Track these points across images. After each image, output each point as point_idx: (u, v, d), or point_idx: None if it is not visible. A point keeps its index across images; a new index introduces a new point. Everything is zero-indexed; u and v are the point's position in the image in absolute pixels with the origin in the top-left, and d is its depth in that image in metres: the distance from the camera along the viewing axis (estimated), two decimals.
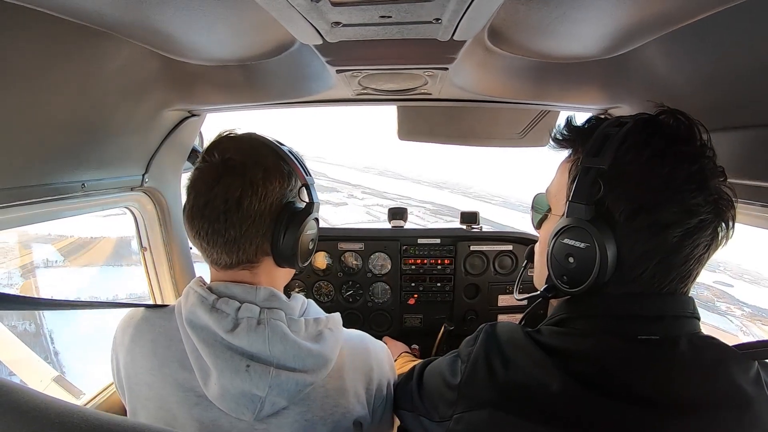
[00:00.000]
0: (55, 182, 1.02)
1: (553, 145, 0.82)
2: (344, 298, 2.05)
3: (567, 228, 0.70)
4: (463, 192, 34.06)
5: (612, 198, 0.67)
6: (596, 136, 0.71)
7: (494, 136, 1.88)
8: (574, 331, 0.71)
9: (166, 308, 0.89)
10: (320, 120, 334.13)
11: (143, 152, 1.38)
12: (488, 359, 0.72)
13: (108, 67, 0.95)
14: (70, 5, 0.70)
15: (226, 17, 0.80)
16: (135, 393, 0.84)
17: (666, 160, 0.64)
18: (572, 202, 0.70)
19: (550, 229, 0.77)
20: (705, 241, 0.65)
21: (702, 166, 0.65)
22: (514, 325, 0.79)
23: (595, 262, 0.66)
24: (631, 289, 0.67)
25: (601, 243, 0.65)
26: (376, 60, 1.06)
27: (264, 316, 0.78)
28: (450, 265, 2.01)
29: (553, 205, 0.82)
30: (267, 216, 0.80)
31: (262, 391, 0.75)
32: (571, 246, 0.69)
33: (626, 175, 0.66)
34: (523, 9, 0.77)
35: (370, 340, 0.98)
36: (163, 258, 1.64)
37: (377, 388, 0.92)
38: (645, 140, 0.67)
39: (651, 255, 0.65)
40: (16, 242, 5.24)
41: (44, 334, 4.80)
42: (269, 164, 0.81)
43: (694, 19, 0.71)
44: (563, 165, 0.81)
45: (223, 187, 0.77)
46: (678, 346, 0.64)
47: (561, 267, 0.72)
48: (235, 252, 0.80)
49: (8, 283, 4.92)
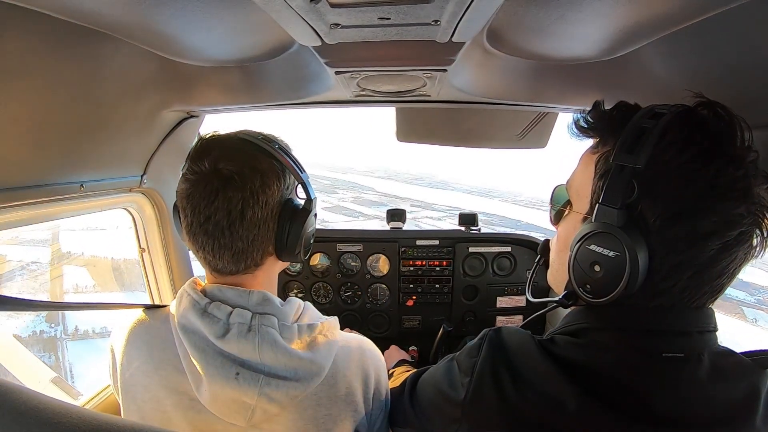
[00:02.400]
0: (54, 183, 1.02)
1: (576, 133, 0.73)
2: (343, 299, 2.04)
3: (594, 233, 0.63)
4: (513, 200, 33.69)
5: (647, 202, 0.60)
6: (630, 129, 0.62)
7: (493, 138, 1.89)
8: (593, 344, 0.65)
9: (162, 309, 0.88)
10: (342, 127, 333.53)
11: (142, 153, 1.38)
12: (496, 375, 0.66)
13: (106, 68, 0.95)
14: (67, 5, 0.70)
15: (225, 18, 0.80)
16: (131, 394, 0.83)
17: (710, 162, 0.57)
18: (602, 204, 0.62)
19: (570, 225, 0.72)
20: (742, 254, 0.59)
21: (747, 171, 0.58)
22: (522, 332, 0.72)
23: (624, 272, 0.59)
24: (661, 302, 0.61)
25: (633, 252, 0.58)
26: (375, 61, 1.06)
27: (255, 322, 0.77)
28: (448, 267, 2.01)
29: (574, 201, 0.74)
30: (270, 220, 0.80)
31: (251, 399, 0.74)
32: (598, 254, 0.62)
33: (665, 177, 0.59)
34: (521, 11, 0.77)
35: (367, 346, 0.94)
36: (161, 259, 1.64)
37: (375, 396, 0.90)
38: (687, 137, 0.59)
39: (685, 267, 0.59)
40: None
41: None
42: (264, 168, 0.79)
43: (693, 21, 0.70)
44: (587, 156, 0.72)
45: (224, 201, 0.76)
46: (702, 363, 0.60)
47: (585, 275, 0.64)
48: (243, 260, 0.80)
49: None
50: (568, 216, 0.75)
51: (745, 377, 0.61)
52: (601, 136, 0.70)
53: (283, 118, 52.41)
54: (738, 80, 0.80)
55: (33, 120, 0.87)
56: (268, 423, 0.78)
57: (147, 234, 1.60)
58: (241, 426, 0.76)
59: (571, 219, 0.73)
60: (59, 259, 6.86)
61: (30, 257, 6.30)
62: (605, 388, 0.60)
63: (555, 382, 0.62)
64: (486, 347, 0.71)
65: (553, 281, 0.79)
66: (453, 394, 0.71)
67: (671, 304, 0.61)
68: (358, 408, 0.84)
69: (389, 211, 2.21)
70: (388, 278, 2.03)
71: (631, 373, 0.61)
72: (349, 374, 0.85)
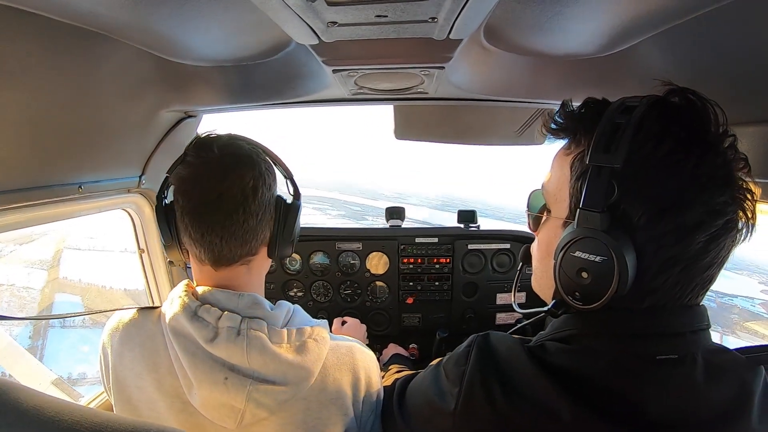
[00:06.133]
0: (53, 184, 1.02)
1: (548, 136, 0.72)
2: (342, 298, 2.05)
3: (578, 240, 0.60)
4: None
5: (629, 201, 0.58)
6: (603, 127, 0.60)
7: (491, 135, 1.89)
8: (585, 350, 0.63)
9: (154, 311, 0.87)
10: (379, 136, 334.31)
11: (140, 154, 1.37)
12: (486, 385, 0.64)
13: (104, 69, 0.95)
14: (64, 7, 0.69)
15: (222, 18, 0.80)
16: (125, 396, 0.83)
17: (689, 152, 0.56)
18: (583, 209, 0.60)
19: (551, 231, 0.69)
20: (729, 242, 0.58)
21: (726, 157, 0.57)
22: (510, 339, 0.70)
23: (613, 275, 0.57)
24: (653, 302, 0.60)
25: (620, 254, 0.56)
26: (372, 59, 1.06)
27: (244, 326, 0.76)
28: (448, 264, 2.01)
29: (552, 205, 0.71)
30: (272, 206, 0.85)
31: (240, 404, 0.75)
32: (584, 260, 0.59)
33: (645, 173, 0.57)
34: (518, 7, 0.77)
35: (358, 349, 0.92)
36: (160, 260, 1.63)
37: (365, 399, 0.89)
38: (663, 129, 0.57)
39: (674, 262, 0.57)
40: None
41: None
42: (264, 158, 0.86)
43: (691, 16, 0.70)
44: (561, 158, 0.70)
45: (238, 178, 0.79)
46: (696, 364, 0.59)
47: (572, 282, 0.62)
48: (249, 242, 0.82)
49: None
50: (548, 221, 0.72)
51: (739, 375, 0.60)
52: (574, 135, 0.68)
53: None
54: (737, 75, 0.80)
55: (31, 122, 0.87)
56: (258, 426, 0.78)
57: (146, 235, 1.59)
58: (232, 429, 0.77)
59: (551, 224, 0.71)
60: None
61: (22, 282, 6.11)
62: (599, 396, 0.58)
63: (547, 391, 0.60)
64: (474, 355, 0.68)
65: (539, 288, 0.77)
66: (442, 404, 0.69)
67: (663, 303, 0.60)
68: (348, 411, 0.84)
69: (388, 209, 2.20)
70: (388, 276, 2.03)
71: (624, 378, 0.59)
72: (338, 378, 0.84)
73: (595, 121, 0.62)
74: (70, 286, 6.48)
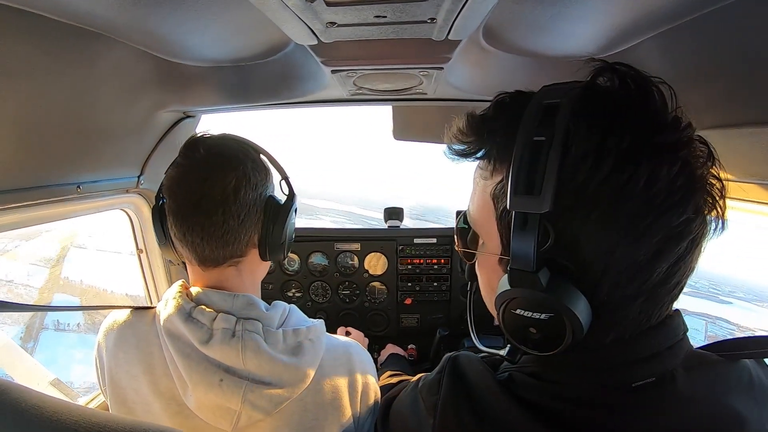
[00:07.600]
0: (51, 185, 1.01)
1: (454, 157, 0.61)
2: (341, 298, 2.04)
3: (516, 299, 0.52)
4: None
5: (569, 245, 0.48)
6: (520, 154, 0.48)
7: None
8: (554, 385, 0.56)
9: (149, 311, 0.87)
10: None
11: (138, 154, 1.37)
12: (458, 416, 0.60)
13: (101, 69, 0.94)
14: (62, 6, 0.69)
15: (220, 18, 0.80)
16: (121, 397, 0.82)
17: (637, 167, 0.45)
18: (514, 269, 0.50)
19: (488, 267, 0.61)
20: (697, 254, 0.51)
21: (684, 157, 0.46)
22: (479, 366, 0.64)
23: (565, 328, 0.49)
24: (618, 335, 0.52)
25: (567, 309, 0.48)
26: (371, 60, 1.06)
27: (239, 328, 0.76)
28: (446, 265, 2.01)
29: (482, 237, 0.62)
30: (258, 206, 0.83)
31: (235, 406, 0.74)
32: (528, 318, 0.52)
33: (584, 208, 0.46)
34: (518, 7, 0.77)
35: (354, 349, 0.92)
36: (158, 260, 1.63)
37: (362, 400, 0.88)
38: (598, 144, 0.45)
39: (635, 296, 0.50)
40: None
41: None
42: (254, 157, 0.85)
43: (691, 16, 0.70)
44: (481, 182, 0.59)
45: (219, 179, 0.78)
46: (675, 380, 0.52)
47: (521, 335, 0.55)
48: (231, 244, 0.80)
49: None
50: (482, 256, 0.63)
51: (719, 383, 0.55)
52: (487, 159, 0.57)
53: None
54: (736, 76, 0.80)
55: (29, 122, 0.87)
56: (254, 428, 0.77)
57: (144, 235, 1.59)
58: (228, 431, 0.76)
59: (487, 260, 0.61)
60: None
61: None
62: (576, 428, 0.53)
63: (521, 422, 0.54)
64: (445, 384, 0.63)
65: (492, 312, 0.66)
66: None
67: (630, 333, 0.52)
68: (345, 413, 0.83)
69: (387, 209, 2.20)
70: (386, 277, 2.03)
71: (600, 411, 0.53)
72: (335, 379, 0.84)
73: (509, 136, 0.51)
74: (71, 286, 6.47)
